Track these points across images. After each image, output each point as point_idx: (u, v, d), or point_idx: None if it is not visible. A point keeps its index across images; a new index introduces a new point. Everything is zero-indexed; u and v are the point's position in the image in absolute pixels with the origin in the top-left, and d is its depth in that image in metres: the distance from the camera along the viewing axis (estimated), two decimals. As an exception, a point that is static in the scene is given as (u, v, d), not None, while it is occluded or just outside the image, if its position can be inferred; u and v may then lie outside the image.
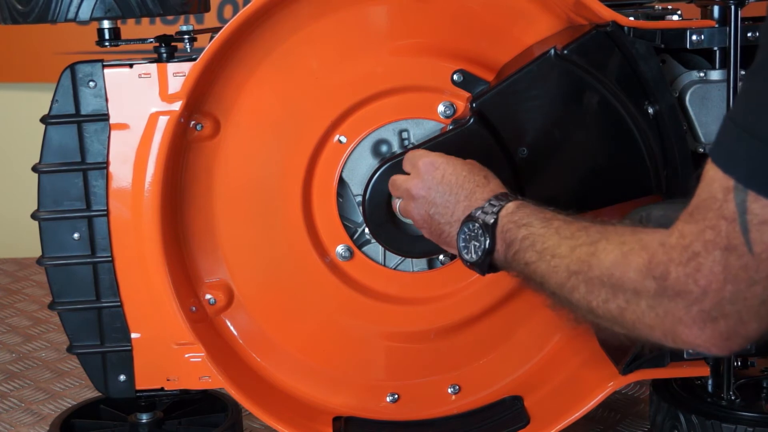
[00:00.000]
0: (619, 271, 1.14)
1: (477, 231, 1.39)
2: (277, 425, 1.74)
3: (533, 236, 1.30)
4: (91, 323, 1.73)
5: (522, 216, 1.35)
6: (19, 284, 3.09)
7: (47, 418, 2.12)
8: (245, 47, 1.68)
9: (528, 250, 1.30)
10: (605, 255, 1.17)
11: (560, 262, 1.23)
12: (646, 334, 1.14)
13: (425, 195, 1.50)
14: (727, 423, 1.69)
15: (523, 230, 1.32)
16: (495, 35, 1.70)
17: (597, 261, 1.17)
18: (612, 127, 1.60)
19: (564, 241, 1.25)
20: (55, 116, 1.68)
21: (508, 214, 1.37)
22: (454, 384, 1.83)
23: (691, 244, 1.06)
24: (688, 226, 1.07)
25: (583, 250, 1.20)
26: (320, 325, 1.80)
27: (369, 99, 1.70)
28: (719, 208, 1.03)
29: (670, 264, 1.07)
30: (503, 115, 1.60)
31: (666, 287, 1.08)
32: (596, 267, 1.17)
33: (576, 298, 1.21)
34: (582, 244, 1.22)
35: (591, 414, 1.80)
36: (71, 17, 1.66)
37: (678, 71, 1.68)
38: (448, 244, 1.49)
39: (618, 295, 1.15)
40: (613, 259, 1.15)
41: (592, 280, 1.18)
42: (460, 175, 1.48)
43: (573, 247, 1.23)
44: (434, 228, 1.49)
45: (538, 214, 1.33)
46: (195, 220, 1.75)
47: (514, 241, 1.33)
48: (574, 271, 1.21)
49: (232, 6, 3.35)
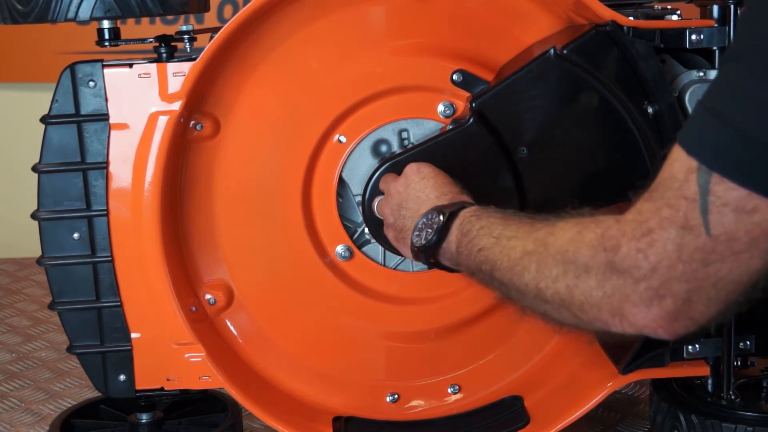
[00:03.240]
0: (573, 246, 1.14)
1: (433, 218, 1.40)
2: (277, 425, 1.74)
3: (492, 225, 1.31)
4: (91, 323, 1.73)
5: (485, 212, 1.36)
6: (19, 284, 3.09)
7: (47, 418, 2.12)
8: (245, 47, 1.68)
9: (484, 237, 1.30)
10: (562, 233, 1.17)
11: (517, 244, 1.24)
12: (593, 317, 1.13)
13: (402, 191, 1.53)
14: (727, 423, 1.69)
15: (483, 221, 1.33)
16: (495, 35, 1.70)
17: (553, 239, 1.18)
18: (612, 127, 1.60)
19: (523, 227, 1.26)
20: (55, 116, 1.68)
21: (471, 209, 1.38)
22: (454, 384, 1.83)
23: (647, 221, 1.06)
24: (646, 203, 1.07)
25: (542, 232, 1.21)
26: (320, 325, 1.80)
27: (369, 99, 1.70)
28: (680, 187, 1.04)
29: (622, 238, 1.07)
30: (503, 115, 1.60)
31: (615, 261, 1.08)
32: (552, 245, 1.18)
33: (525, 280, 1.21)
34: (541, 228, 1.22)
35: (591, 414, 1.80)
36: (71, 17, 1.66)
37: (678, 71, 1.68)
38: (404, 241, 1.49)
39: (569, 272, 1.14)
40: (569, 236, 1.16)
41: (545, 259, 1.18)
42: (438, 182, 1.50)
43: (531, 231, 1.23)
44: (398, 223, 1.51)
45: (503, 212, 1.34)
46: (195, 220, 1.75)
47: (471, 230, 1.34)
48: (529, 251, 1.21)
49: (232, 6, 3.35)
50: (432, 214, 1.42)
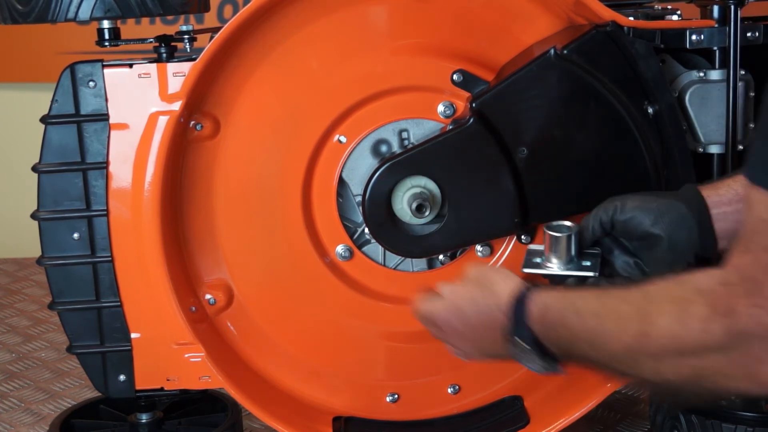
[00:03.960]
0: (681, 328, 1.06)
1: (522, 348, 1.30)
2: (277, 425, 1.74)
3: (574, 332, 1.21)
4: (91, 323, 1.73)
5: (552, 318, 1.25)
6: (19, 284, 3.09)
7: (47, 418, 2.12)
8: (245, 47, 1.68)
9: (580, 343, 1.21)
10: (660, 319, 1.08)
11: (616, 347, 1.14)
12: (729, 387, 1.07)
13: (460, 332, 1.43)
14: (727, 423, 1.69)
15: (561, 330, 1.23)
16: (495, 35, 1.70)
17: (654, 329, 1.09)
18: (612, 127, 1.60)
19: (609, 324, 1.16)
20: (54, 116, 1.68)
21: (537, 320, 1.27)
22: (454, 384, 1.83)
23: (753, 275, 1.00)
24: (743, 257, 1.02)
25: (634, 325, 1.12)
26: (320, 325, 1.80)
27: (369, 99, 1.70)
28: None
29: (734, 301, 1.01)
30: (503, 114, 1.60)
31: (736, 327, 1.02)
32: (655, 336, 1.09)
33: (647, 375, 1.14)
34: (630, 317, 1.13)
35: (591, 414, 1.80)
36: (71, 17, 1.66)
37: (678, 71, 1.68)
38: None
39: (687, 355, 1.07)
40: (670, 319, 1.07)
41: (655, 353, 1.10)
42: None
43: (622, 326, 1.14)
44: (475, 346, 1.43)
45: (562, 308, 1.24)
46: (195, 220, 1.75)
47: (561, 343, 1.25)
48: (635, 350, 1.12)
49: (232, 6, 3.35)
50: (514, 347, 1.30)
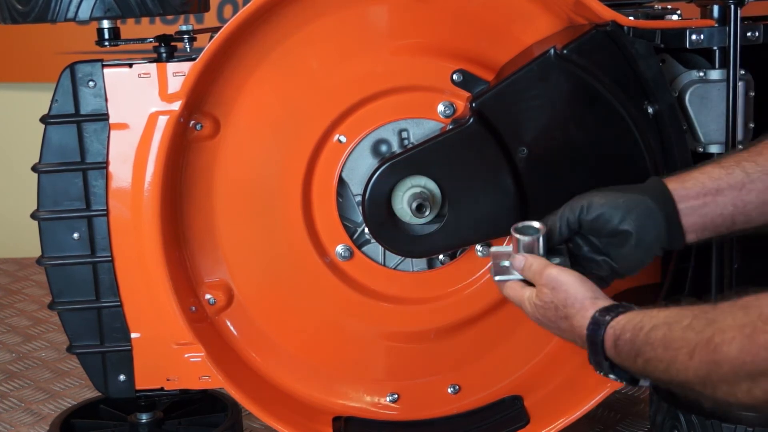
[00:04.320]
0: (750, 356, 1.08)
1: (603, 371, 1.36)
2: (277, 425, 1.74)
3: (647, 361, 1.24)
4: (91, 323, 1.73)
5: (624, 348, 1.28)
6: (19, 284, 3.09)
7: (47, 418, 2.12)
8: (245, 47, 1.68)
9: (655, 372, 1.24)
10: (728, 347, 1.10)
11: (690, 375, 1.17)
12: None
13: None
14: (727, 423, 1.69)
15: (636, 360, 1.26)
16: (495, 35, 1.70)
17: (722, 356, 1.11)
18: (612, 127, 1.60)
19: (680, 355, 1.18)
20: (54, 116, 1.68)
21: (611, 349, 1.31)
22: (454, 384, 1.83)
23: None
24: None
25: (704, 355, 1.14)
26: (320, 325, 1.80)
27: (369, 99, 1.70)
28: None
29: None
30: (503, 114, 1.60)
31: None
32: (725, 363, 1.11)
33: (719, 397, 1.16)
34: (698, 347, 1.15)
35: (591, 414, 1.80)
36: (71, 17, 1.66)
37: (678, 71, 1.68)
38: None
39: (758, 380, 1.09)
40: (739, 346, 1.09)
41: (726, 378, 1.12)
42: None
43: (692, 356, 1.16)
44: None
45: (634, 338, 1.27)
46: (195, 220, 1.75)
47: (637, 369, 1.28)
48: (707, 378, 1.14)
49: (232, 6, 3.35)
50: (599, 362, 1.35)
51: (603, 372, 1.35)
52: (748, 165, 1.38)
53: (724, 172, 1.39)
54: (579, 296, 1.37)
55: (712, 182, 1.39)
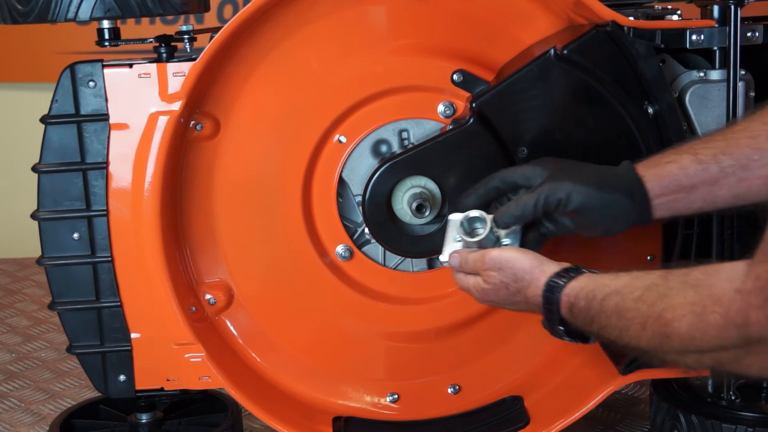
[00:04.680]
0: (699, 333, 1.13)
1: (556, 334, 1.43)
2: (277, 425, 1.74)
3: (602, 326, 1.30)
4: (90, 323, 1.73)
5: (580, 315, 1.34)
6: (19, 284, 3.09)
7: (47, 418, 2.12)
8: (245, 47, 1.68)
9: (609, 335, 1.30)
10: (678, 323, 1.15)
11: (642, 343, 1.23)
12: (747, 374, 1.15)
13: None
14: (727, 423, 1.69)
15: (591, 325, 1.32)
16: (495, 35, 1.70)
17: (673, 331, 1.16)
18: (612, 127, 1.60)
19: (633, 326, 1.23)
20: (54, 116, 1.68)
21: (566, 314, 1.37)
22: (454, 384, 1.83)
23: (767, 286, 1.05)
24: (762, 267, 1.06)
25: (656, 327, 1.19)
26: (320, 325, 1.80)
27: (369, 99, 1.70)
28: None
29: (749, 311, 1.07)
30: (503, 115, 1.60)
31: (751, 334, 1.08)
32: (675, 337, 1.16)
33: (672, 361, 1.23)
34: (651, 321, 1.20)
35: (591, 414, 1.81)
36: (71, 17, 1.66)
37: (678, 71, 1.68)
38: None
39: (706, 353, 1.15)
40: (688, 323, 1.14)
41: (676, 349, 1.18)
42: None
43: (644, 327, 1.21)
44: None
45: (588, 306, 1.32)
46: (195, 220, 1.75)
47: (591, 331, 1.34)
48: (659, 347, 1.20)
49: (232, 6, 3.35)
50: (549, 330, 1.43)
51: (558, 335, 1.42)
52: (724, 159, 1.39)
53: (700, 168, 1.41)
54: (527, 268, 1.42)
55: (687, 179, 1.42)
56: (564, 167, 1.49)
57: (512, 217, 1.48)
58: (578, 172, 1.48)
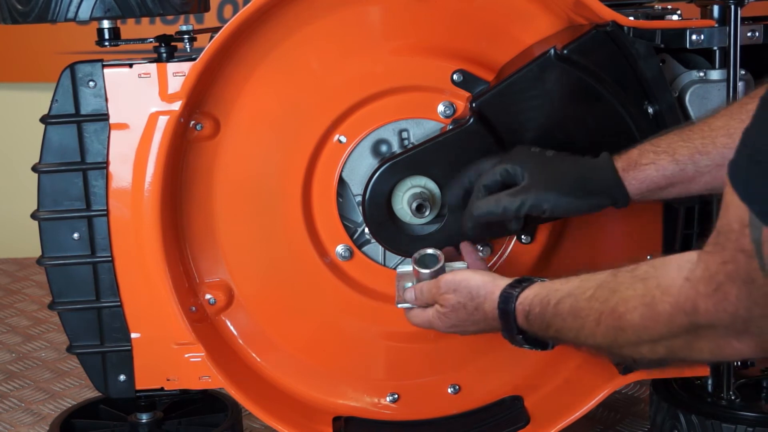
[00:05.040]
0: (651, 322, 1.17)
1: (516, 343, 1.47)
2: (277, 425, 1.74)
3: (558, 330, 1.34)
4: (91, 323, 1.73)
5: (536, 321, 1.38)
6: (19, 284, 3.09)
7: (47, 418, 2.12)
8: (245, 47, 1.68)
9: (566, 338, 1.34)
10: (631, 315, 1.19)
11: (598, 340, 1.27)
12: (700, 359, 1.21)
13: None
14: (727, 423, 1.69)
15: (548, 330, 1.36)
16: (495, 35, 1.70)
17: (626, 323, 1.20)
18: (612, 127, 1.60)
19: (587, 323, 1.27)
20: (54, 116, 1.68)
21: (522, 322, 1.41)
22: (454, 384, 1.83)
23: (715, 276, 1.08)
24: (711, 257, 1.09)
25: (609, 322, 1.23)
26: (320, 325, 1.80)
27: (369, 99, 1.70)
28: (736, 239, 1.05)
29: (698, 298, 1.10)
30: (503, 115, 1.60)
31: (699, 321, 1.11)
32: (629, 328, 1.20)
33: (629, 355, 1.26)
34: (604, 316, 1.24)
35: (591, 414, 1.81)
36: (71, 17, 1.66)
37: (678, 71, 1.68)
38: None
39: (659, 342, 1.19)
40: (640, 314, 1.18)
41: (630, 341, 1.21)
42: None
43: (598, 324, 1.25)
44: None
45: (543, 312, 1.36)
46: (195, 220, 1.75)
47: (548, 336, 1.39)
48: (614, 342, 1.24)
49: (232, 6, 3.35)
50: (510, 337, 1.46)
51: (516, 344, 1.46)
52: (700, 158, 1.42)
53: (678, 169, 1.44)
54: (481, 284, 1.47)
55: (665, 180, 1.45)
56: (545, 169, 1.51)
57: (491, 215, 1.52)
58: (561, 179, 1.49)
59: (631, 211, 1.71)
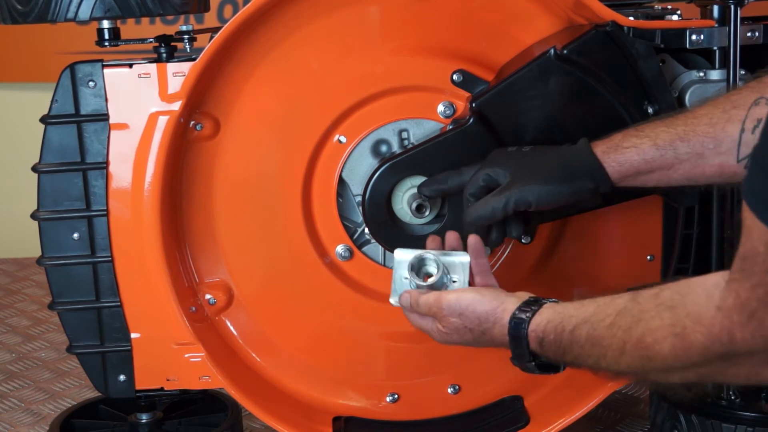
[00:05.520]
0: (682, 352, 1.14)
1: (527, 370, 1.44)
2: (277, 425, 1.74)
3: (576, 357, 1.32)
4: (90, 323, 1.73)
5: (551, 347, 1.36)
6: (19, 284, 3.09)
7: (47, 418, 2.12)
8: (245, 47, 1.68)
9: (585, 364, 1.32)
10: (660, 346, 1.17)
11: (621, 368, 1.24)
12: (734, 381, 1.20)
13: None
14: (727, 423, 1.69)
15: (565, 356, 1.34)
16: (495, 35, 1.70)
17: (655, 353, 1.18)
18: (612, 127, 1.59)
19: (610, 353, 1.24)
20: (54, 116, 1.68)
21: (536, 347, 1.38)
22: (454, 384, 1.83)
23: (747, 303, 1.07)
24: (740, 284, 1.07)
25: (635, 351, 1.20)
26: (320, 325, 1.80)
27: (369, 99, 1.70)
28: (763, 262, 1.04)
29: (733, 328, 1.08)
30: (503, 115, 1.60)
31: (737, 350, 1.09)
32: (657, 358, 1.18)
33: (651, 380, 1.26)
34: (627, 342, 1.21)
35: (591, 414, 1.80)
36: (71, 17, 1.66)
37: (678, 71, 1.68)
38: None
39: (690, 369, 1.17)
40: (670, 345, 1.15)
41: (658, 369, 1.19)
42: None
43: (623, 352, 1.22)
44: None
45: (559, 339, 1.33)
46: (195, 220, 1.75)
47: (565, 361, 1.36)
48: (640, 369, 1.22)
49: (232, 6, 3.35)
50: (519, 364, 1.44)
51: (527, 370, 1.43)
52: (681, 146, 1.41)
53: (658, 154, 1.43)
54: (489, 310, 1.43)
55: (645, 165, 1.44)
56: (524, 164, 1.51)
57: (482, 219, 1.51)
58: (541, 170, 1.49)
59: (631, 212, 1.72)
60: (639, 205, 1.67)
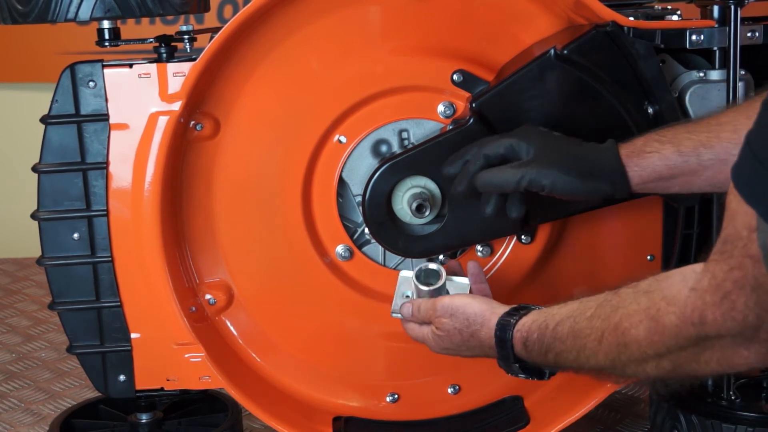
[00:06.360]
0: (656, 336, 1.16)
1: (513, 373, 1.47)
2: (277, 425, 1.74)
3: (557, 354, 1.33)
4: (90, 323, 1.73)
5: (534, 347, 1.37)
6: (19, 284, 3.09)
7: (47, 418, 2.12)
8: (245, 47, 1.68)
9: (565, 362, 1.33)
10: (636, 330, 1.18)
11: (600, 360, 1.25)
12: (705, 372, 1.17)
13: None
14: (727, 423, 1.69)
15: (547, 356, 1.35)
16: (495, 35, 1.70)
17: (631, 338, 1.19)
18: (612, 127, 1.60)
19: (589, 343, 1.26)
20: (54, 116, 1.68)
21: (520, 350, 1.40)
22: (454, 384, 1.83)
23: (722, 284, 1.07)
24: (718, 265, 1.08)
25: (612, 339, 1.22)
26: (320, 325, 1.80)
27: (369, 99, 1.70)
28: (744, 246, 1.04)
29: (705, 308, 1.09)
30: (503, 115, 1.60)
31: (707, 331, 1.10)
32: (633, 344, 1.19)
33: (631, 374, 1.25)
34: (607, 334, 1.22)
35: (591, 414, 1.80)
36: (71, 17, 1.66)
37: (678, 71, 1.68)
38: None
39: (665, 356, 1.17)
40: (646, 328, 1.17)
41: (634, 357, 1.20)
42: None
43: (601, 343, 1.24)
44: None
45: (542, 337, 1.35)
46: (195, 220, 1.75)
47: (548, 363, 1.37)
48: (617, 361, 1.23)
49: (232, 6, 3.35)
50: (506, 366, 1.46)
51: (513, 373, 1.45)
52: (704, 152, 1.40)
53: (681, 160, 1.42)
54: (478, 312, 1.46)
55: (667, 170, 1.43)
56: (550, 146, 1.49)
57: (491, 186, 1.51)
58: (564, 157, 1.48)
59: (631, 212, 1.72)
60: (639, 205, 1.67)
